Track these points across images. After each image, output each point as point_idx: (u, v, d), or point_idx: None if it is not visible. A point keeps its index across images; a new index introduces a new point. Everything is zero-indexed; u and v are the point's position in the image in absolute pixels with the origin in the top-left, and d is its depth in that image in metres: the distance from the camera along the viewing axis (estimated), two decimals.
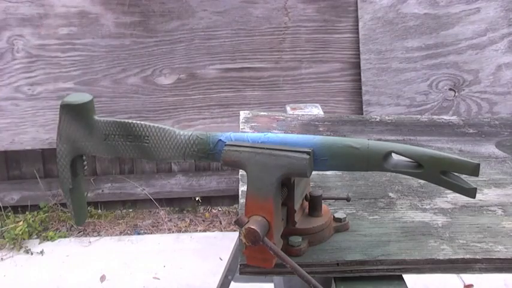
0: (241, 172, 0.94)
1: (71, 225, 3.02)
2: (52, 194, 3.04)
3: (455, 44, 2.84)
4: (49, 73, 2.78)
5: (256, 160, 0.67)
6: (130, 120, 0.75)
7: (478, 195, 0.88)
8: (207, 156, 0.73)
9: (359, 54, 2.84)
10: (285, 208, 0.73)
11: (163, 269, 2.62)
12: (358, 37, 2.82)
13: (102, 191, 3.07)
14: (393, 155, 0.68)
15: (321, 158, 0.69)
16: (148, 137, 0.74)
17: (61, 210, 3.05)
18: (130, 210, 3.19)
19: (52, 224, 3.02)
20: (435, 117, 1.38)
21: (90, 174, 3.05)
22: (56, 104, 2.63)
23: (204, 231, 3.01)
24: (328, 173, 1.01)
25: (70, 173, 0.78)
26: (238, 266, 0.72)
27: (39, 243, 2.86)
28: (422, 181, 0.86)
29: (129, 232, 3.00)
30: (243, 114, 1.36)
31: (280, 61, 2.87)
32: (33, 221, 2.94)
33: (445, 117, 1.38)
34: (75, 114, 0.76)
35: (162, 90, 2.86)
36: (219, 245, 2.80)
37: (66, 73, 2.79)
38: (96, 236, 2.95)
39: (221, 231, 3.01)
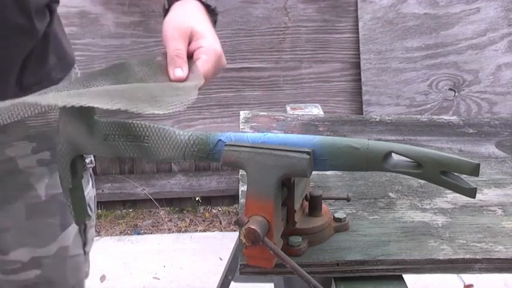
0: (241, 172, 0.94)
1: None
2: None
3: (455, 44, 2.84)
4: None
5: (256, 160, 0.67)
6: (130, 120, 0.75)
7: (478, 195, 0.88)
8: (207, 156, 0.73)
9: (359, 54, 2.83)
10: (285, 208, 0.72)
11: (163, 269, 2.61)
12: (358, 37, 2.82)
13: (102, 191, 3.07)
14: (393, 155, 0.68)
15: (321, 158, 0.68)
16: (148, 137, 0.74)
17: None
18: (131, 210, 3.19)
19: None
20: (435, 117, 1.37)
21: None
22: None
23: (204, 231, 3.01)
24: (328, 173, 1.01)
25: (70, 173, 0.78)
26: (238, 266, 0.71)
27: None
28: (422, 181, 0.86)
29: (129, 232, 3.00)
30: (243, 114, 1.35)
31: (280, 61, 2.86)
32: None
33: (445, 117, 1.38)
34: (75, 114, 0.76)
35: None
36: (219, 245, 2.80)
37: None
38: (96, 236, 2.95)
39: (221, 231, 3.01)
